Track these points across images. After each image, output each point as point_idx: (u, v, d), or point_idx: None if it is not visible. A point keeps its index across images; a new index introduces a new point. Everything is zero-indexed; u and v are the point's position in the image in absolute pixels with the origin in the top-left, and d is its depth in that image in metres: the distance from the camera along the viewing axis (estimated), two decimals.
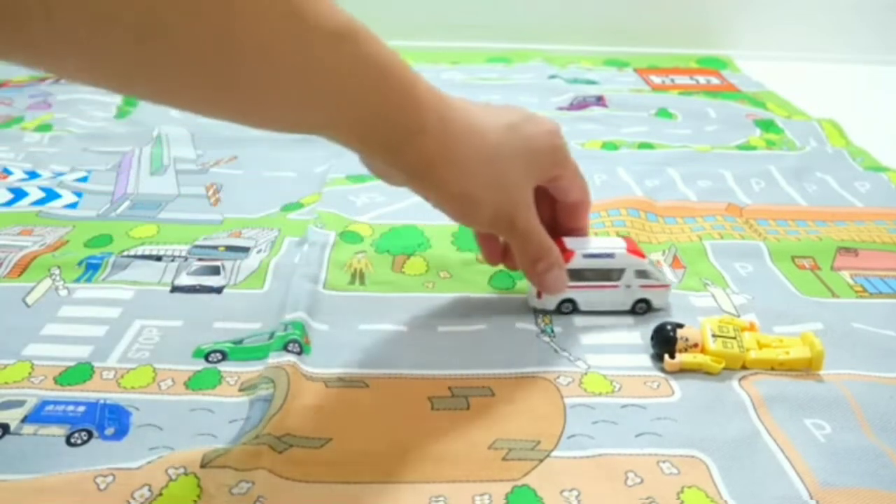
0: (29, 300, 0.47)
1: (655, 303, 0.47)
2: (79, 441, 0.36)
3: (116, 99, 0.85)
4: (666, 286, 0.47)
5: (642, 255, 0.46)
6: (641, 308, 0.47)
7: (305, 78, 0.32)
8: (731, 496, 0.34)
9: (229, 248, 0.54)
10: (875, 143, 0.76)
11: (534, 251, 0.43)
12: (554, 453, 0.36)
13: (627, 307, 0.47)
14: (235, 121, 0.33)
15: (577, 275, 0.45)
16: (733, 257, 0.54)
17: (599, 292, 0.46)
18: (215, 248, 0.54)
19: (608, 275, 0.46)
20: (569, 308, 0.47)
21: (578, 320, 0.47)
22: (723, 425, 0.38)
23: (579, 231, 0.47)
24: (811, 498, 0.33)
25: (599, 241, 0.47)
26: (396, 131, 0.36)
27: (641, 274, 0.46)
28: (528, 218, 0.41)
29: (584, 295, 0.46)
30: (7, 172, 0.65)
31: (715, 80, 0.99)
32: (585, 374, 0.42)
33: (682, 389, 0.40)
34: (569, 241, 0.46)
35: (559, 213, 0.46)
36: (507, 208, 0.40)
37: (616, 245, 0.46)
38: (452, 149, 0.37)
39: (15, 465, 0.34)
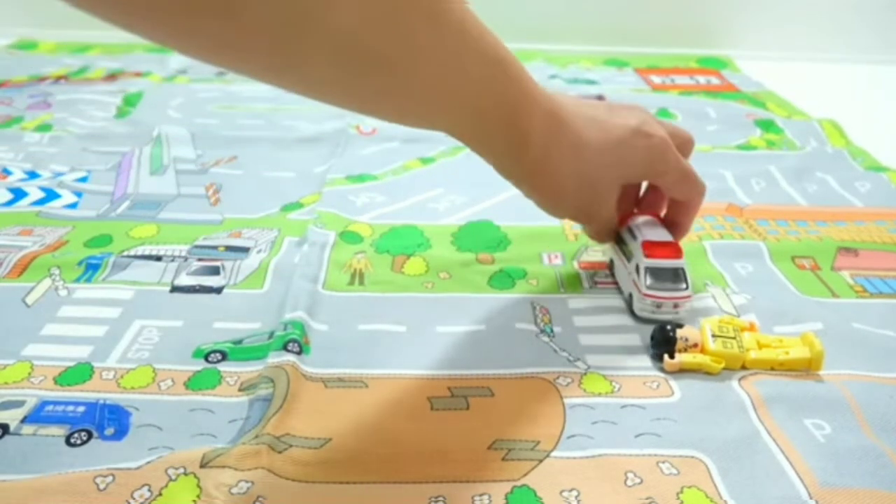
0: (29, 300, 0.47)
1: (635, 306, 0.46)
2: (78, 441, 0.36)
3: (116, 99, 0.85)
4: (643, 294, 0.45)
5: (653, 256, 0.46)
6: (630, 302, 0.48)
7: (458, 76, 0.36)
8: (730, 496, 0.34)
9: (229, 248, 0.54)
10: (875, 143, 0.76)
11: (597, 234, 0.50)
12: (553, 453, 0.36)
13: (626, 294, 0.48)
14: (390, 119, 0.38)
15: (620, 241, 0.50)
16: (733, 257, 0.54)
17: (622, 265, 0.49)
18: (215, 248, 0.54)
19: (631, 255, 0.48)
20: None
21: (578, 320, 0.47)
22: (722, 425, 0.38)
23: (680, 226, 0.49)
24: (811, 498, 0.33)
25: (654, 229, 0.48)
26: (508, 137, 0.40)
27: (636, 269, 0.46)
28: (607, 216, 0.47)
29: (619, 259, 0.50)
30: (7, 172, 0.65)
31: (715, 80, 0.99)
32: (585, 374, 0.42)
33: (682, 390, 0.40)
34: (639, 219, 0.49)
35: (669, 203, 0.50)
36: (589, 207, 0.46)
37: (652, 236, 0.47)
38: (553, 160, 0.42)
39: (15, 466, 0.34)
